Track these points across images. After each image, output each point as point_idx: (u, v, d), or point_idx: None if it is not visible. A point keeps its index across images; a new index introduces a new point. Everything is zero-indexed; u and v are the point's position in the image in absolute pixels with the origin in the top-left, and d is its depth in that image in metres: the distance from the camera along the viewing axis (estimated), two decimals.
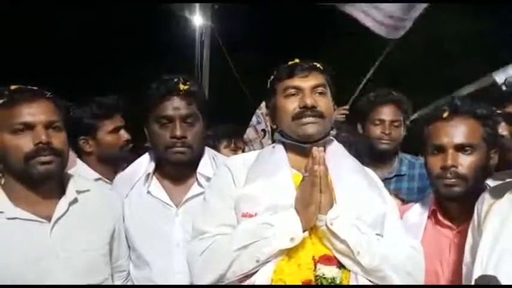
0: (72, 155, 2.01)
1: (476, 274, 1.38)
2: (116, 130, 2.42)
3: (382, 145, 2.66)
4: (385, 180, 2.41)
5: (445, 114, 1.76)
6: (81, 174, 2.08)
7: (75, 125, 2.27)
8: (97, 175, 2.31)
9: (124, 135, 2.45)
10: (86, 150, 2.37)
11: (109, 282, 1.82)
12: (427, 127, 1.81)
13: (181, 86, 1.88)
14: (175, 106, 1.87)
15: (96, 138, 2.37)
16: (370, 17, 3.82)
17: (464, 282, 1.57)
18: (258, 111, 4.73)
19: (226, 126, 3.39)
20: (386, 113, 2.67)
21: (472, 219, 1.55)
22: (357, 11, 3.82)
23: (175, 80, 1.91)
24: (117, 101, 2.47)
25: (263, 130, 4.65)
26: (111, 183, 2.18)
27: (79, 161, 2.38)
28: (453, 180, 1.72)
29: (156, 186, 1.96)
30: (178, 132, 1.86)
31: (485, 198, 1.52)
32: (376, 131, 2.66)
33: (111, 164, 2.44)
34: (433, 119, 1.80)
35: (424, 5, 3.75)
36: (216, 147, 2.73)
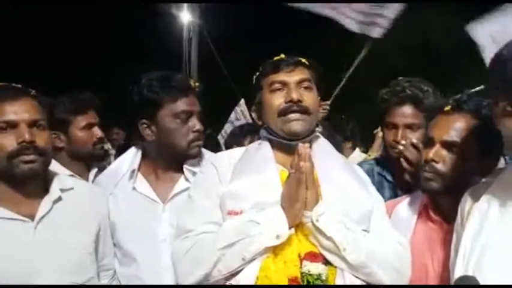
0: None
1: (457, 271, 1.38)
2: (88, 126, 2.38)
3: (395, 154, 2.12)
4: None
5: (447, 108, 1.71)
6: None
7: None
8: (68, 172, 2.26)
9: (97, 132, 2.40)
10: (56, 145, 2.30)
11: (95, 281, 1.80)
12: (434, 118, 1.76)
13: (193, 83, 1.93)
14: (193, 101, 1.91)
15: (68, 133, 2.33)
16: (343, 15, 3.78)
17: (451, 281, 1.57)
18: (237, 108, 4.75)
19: (250, 124, 3.53)
20: (401, 115, 2.12)
21: (456, 218, 1.55)
22: (328, 10, 3.78)
23: (181, 76, 1.95)
24: (92, 97, 2.43)
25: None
26: (82, 180, 2.14)
27: None
28: (430, 174, 1.68)
29: (141, 182, 1.95)
30: (199, 127, 1.90)
31: (467, 198, 1.51)
32: (389, 137, 2.16)
33: (82, 161, 2.40)
34: (438, 111, 1.75)
35: (400, 5, 3.70)
36: (240, 143, 2.79)
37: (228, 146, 2.30)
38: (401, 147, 2.04)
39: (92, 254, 1.79)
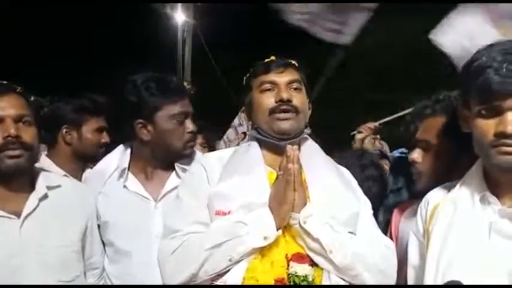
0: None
1: (428, 274, 1.39)
2: (100, 130, 2.43)
3: None
4: None
5: (427, 111, 1.77)
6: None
7: (61, 114, 2.35)
8: (62, 172, 2.28)
9: (106, 137, 2.45)
10: (66, 140, 2.37)
11: (81, 279, 1.79)
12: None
13: (187, 86, 2.00)
14: (188, 103, 1.96)
15: (79, 132, 2.38)
16: (317, 25, 3.74)
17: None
18: (240, 114, 4.69)
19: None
20: None
21: (415, 221, 1.56)
22: (304, 22, 3.74)
23: (175, 78, 2.02)
24: (106, 102, 2.47)
25: (243, 133, 4.63)
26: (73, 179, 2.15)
27: (43, 157, 2.34)
28: (414, 175, 1.77)
29: (132, 180, 1.95)
30: (193, 128, 1.96)
31: (429, 200, 1.53)
32: None
33: (83, 161, 2.44)
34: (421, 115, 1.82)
35: (365, 14, 3.67)
36: None
37: None
38: None
39: (78, 253, 1.78)
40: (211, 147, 3.76)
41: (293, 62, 1.75)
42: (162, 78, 1.96)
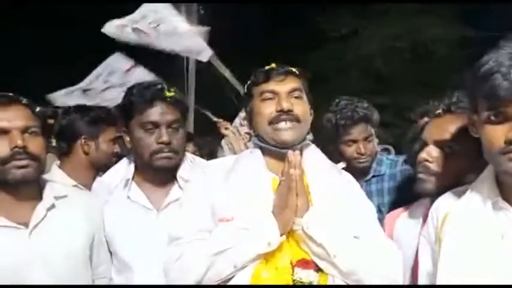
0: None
1: (440, 277, 1.39)
2: (114, 140, 2.46)
3: (361, 164, 2.56)
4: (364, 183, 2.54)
5: (438, 111, 1.73)
6: (56, 180, 2.06)
7: (78, 125, 2.40)
8: (73, 182, 2.31)
9: (117, 148, 2.49)
10: (84, 150, 2.41)
11: None
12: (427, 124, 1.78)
13: (167, 93, 1.91)
14: (162, 112, 1.89)
15: (96, 142, 2.42)
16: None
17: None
18: (241, 114, 4.70)
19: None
20: (357, 132, 2.52)
21: (426, 225, 1.55)
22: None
23: (160, 86, 1.94)
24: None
25: (247, 133, 4.62)
26: (85, 189, 2.18)
27: (54, 167, 2.38)
28: (423, 175, 1.69)
29: (135, 191, 1.96)
30: (165, 138, 1.87)
31: (440, 205, 1.52)
32: (351, 151, 2.54)
33: (96, 171, 2.46)
34: (431, 116, 1.78)
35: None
36: None
37: None
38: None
39: (86, 262, 1.80)
40: (209, 154, 3.75)
41: (294, 69, 1.74)
42: (146, 86, 1.93)
